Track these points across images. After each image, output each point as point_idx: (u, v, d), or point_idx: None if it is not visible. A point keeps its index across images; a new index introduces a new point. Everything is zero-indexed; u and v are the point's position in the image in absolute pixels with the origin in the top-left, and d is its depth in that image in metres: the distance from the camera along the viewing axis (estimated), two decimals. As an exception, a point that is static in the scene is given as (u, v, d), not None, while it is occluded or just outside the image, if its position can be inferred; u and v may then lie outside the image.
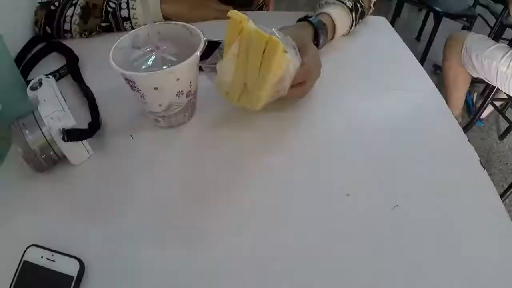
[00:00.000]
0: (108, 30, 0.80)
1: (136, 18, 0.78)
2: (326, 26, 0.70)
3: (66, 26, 0.78)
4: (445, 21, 2.33)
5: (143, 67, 0.55)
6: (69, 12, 0.77)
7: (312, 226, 0.47)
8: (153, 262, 0.43)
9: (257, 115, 0.60)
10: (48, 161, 0.51)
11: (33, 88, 0.54)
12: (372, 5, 0.81)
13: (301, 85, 0.58)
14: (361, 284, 0.42)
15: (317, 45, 0.69)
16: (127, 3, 0.77)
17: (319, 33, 0.68)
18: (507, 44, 1.81)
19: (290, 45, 0.54)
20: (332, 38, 0.75)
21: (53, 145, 0.49)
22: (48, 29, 0.78)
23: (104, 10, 0.77)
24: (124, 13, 0.77)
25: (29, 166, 0.50)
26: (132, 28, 0.79)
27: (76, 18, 0.77)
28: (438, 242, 0.45)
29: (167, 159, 0.55)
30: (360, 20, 0.79)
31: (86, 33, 0.79)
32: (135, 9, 0.77)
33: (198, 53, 0.51)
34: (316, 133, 0.59)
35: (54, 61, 0.75)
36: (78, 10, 0.77)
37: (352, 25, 0.76)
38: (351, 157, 0.56)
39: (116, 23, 0.78)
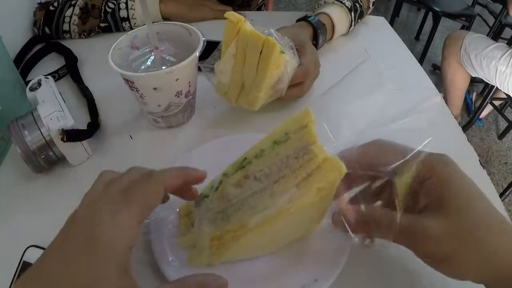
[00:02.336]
0: (107, 30, 0.80)
1: (135, 19, 0.78)
2: (325, 26, 0.70)
3: (65, 27, 0.78)
4: (444, 21, 2.34)
5: (142, 67, 0.55)
6: (68, 12, 0.77)
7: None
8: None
9: (255, 115, 0.60)
10: (47, 161, 0.51)
11: (32, 89, 0.54)
12: (371, 5, 0.81)
13: (299, 85, 0.58)
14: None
15: (316, 45, 0.69)
16: (126, 3, 0.77)
17: (318, 33, 0.68)
18: (506, 44, 1.81)
19: (288, 45, 0.54)
20: (331, 38, 0.75)
21: (52, 145, 0.49)
22: (47, 30, 0.78)
23: (103, 11, 0.77)
24: (123, 13, 0.77)
25: (28, 167, 0.49)
26: (131, 28, 0.79)
27: (75, 18, 0.77)
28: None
29: (166, 159, 0.55)
30: (359, 20, 0.79)
31: (85, 34, 0.79)
32: (134, 9, 0.77)
33: (197, 53, 0.51)
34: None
35: (53, 62, 0.75)
36: (77, 10, 0.77)
37: (351, 25, 0.76)
38: (350, 156, 0.56)
39: (115, 23, 0.78)
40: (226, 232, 0.35)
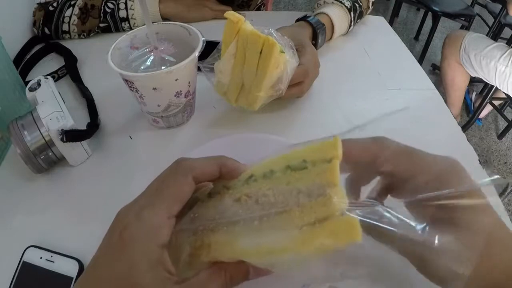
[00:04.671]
0: (106, 30, 0.80)
1: (134, 19, 0.78)
2: (325, 26, 0.70)
3: (65, 27, 0.78)
4: (443, 21, 2.35)
5: (142, 67, 0.55)
6: (68, 13, 0.77)
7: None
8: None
9: (255, 115, 0.60)
10: (47, 161, 0.51)
11: (32, 89, 0.54)
12: (370, 5, 0.81)
13: (299, 84, 0.58)
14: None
15: (315, 45, 0.69)
16: (125, 3, 0.77)
17: (318, 33, 0.69)
18: (506, 43, 1.81)
19: (288, 45, 0.54)
20: (331, 38, 0.75)
21: (52, 146, 0.49)
22: (46, 30, 0.78)
23: (102, 11, 0.77)
24: (122, 13, 0.77)
25: (28, 167, 0.49)
26: (131, 28, 0.79)
27: (74, 19, 0.77)
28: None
29: (166, 159, 0.55)
30: (359, 20, 0.79)
31: (85, 34, 0.79)
32: (133, 9, 0.77)
33: (196, 53, 0.51)
34: (315, 133, 0.59)
35: (52, 62, 0.75)
36: (76, 11, 0.77)
37: (350, 25, 0.76)
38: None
39: (114, 23, 0.78)
40: (208, 245, 0.31)
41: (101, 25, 0.78)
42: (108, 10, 0.77)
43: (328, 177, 0.28)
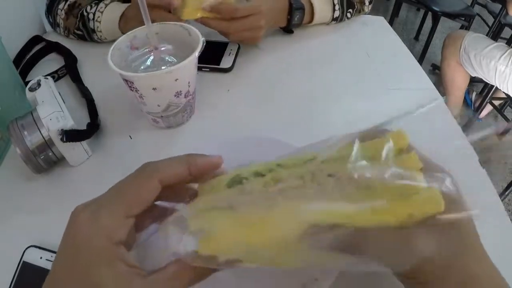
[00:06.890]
0: (82, 38, 0.77)
1: (100, 31, 0.74)
2: (303, 5, 0.71)
3: (57, 19, 0.77)
4: (443, 21, 2.34)
5: (142, 67, 0.55)
6: (61, 6, 0.76)
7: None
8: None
9: (256, 116, 0.60)
10: (47, 162, 0.51)
11: (32, 89, 0.54)
12: (367, 2, 0.81)
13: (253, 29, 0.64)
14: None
15: (290, 20, 0.71)
16: (94, 14, 0.73)
17: (293, 6, 0.70)
18: (505, 43, 1.81)
19: None
20: (311, 21, 0.76)
21: (52, 146, 0.49)
22: (50, 18, 0.79)
23: (80, 12, 0.74)
24: (91, 24, 0.74)
25: (28, 167, 0.50)
26: (101, 40, 0.75)
27: (62, 13, 0.76)
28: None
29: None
30: (351, 10, 0.79)
31: (67, 32, 0.78)
32: (99, 22, 0.73)
33: (196, 54, 0.51)
34: (315, 132, 0.59)
35: (52, 62, 0.75)
36: (66, 5, 0.76)
37: (335, 10, 0.77)
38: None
39: (87, 33, 0.75)
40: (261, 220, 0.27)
41: (77, 32, 0.76)
42: (85, 14, 0.73)
43: (410, 164, 0.32)
